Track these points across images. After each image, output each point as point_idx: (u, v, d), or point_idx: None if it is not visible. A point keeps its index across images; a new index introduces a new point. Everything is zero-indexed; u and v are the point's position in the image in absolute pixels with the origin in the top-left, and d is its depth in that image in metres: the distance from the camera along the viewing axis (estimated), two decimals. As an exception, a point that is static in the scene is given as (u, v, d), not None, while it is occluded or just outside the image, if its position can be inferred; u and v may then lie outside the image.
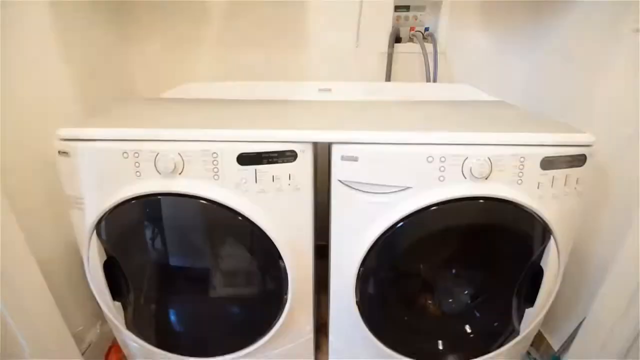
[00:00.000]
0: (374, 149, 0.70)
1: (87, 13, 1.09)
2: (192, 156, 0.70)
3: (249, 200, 0.73)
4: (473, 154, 0.69)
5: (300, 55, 1.30)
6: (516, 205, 0.72)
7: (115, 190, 0.73)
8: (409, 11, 1.28)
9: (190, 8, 1.25)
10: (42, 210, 0.92)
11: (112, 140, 0.72)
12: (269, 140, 0.71)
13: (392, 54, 1.27)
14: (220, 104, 1.01)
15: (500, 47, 1.29)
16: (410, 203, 0.71)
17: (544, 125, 0.79)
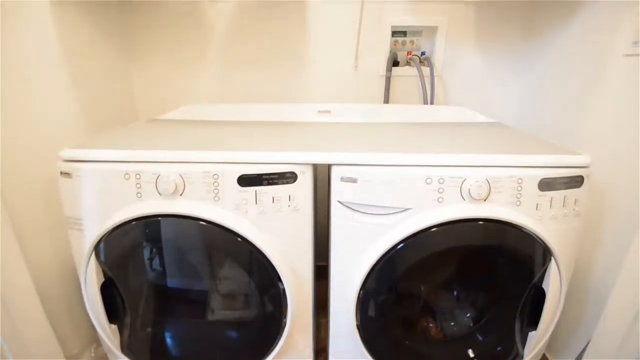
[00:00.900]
0: (373, 170, 0.71)
1: (92, 35, 1.12)
2: (193, 177, 0.71)
3: (249, 222, 0.73)
4: (471, 175, 0.69)
5: (300, 77, 1.33)
6: (515, 226, 0.72)
7: (115, 211, 0.73)
8: (406, 36, 1.32)
9: (193, 31, 1.29)
10: (41, 231, 0.92)
11: (114, 161, 0.72)
12: (269, 162, 0.72)
13: (390, 77, 1.30)
14: (221, 125, 1.03)
15: (495, 70, 1.33)
16: (410, 224, 0.71)
17: (541, 147, 0.80)
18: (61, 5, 0.98)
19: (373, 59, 1.30)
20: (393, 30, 1.29)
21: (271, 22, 1.27)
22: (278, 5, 1.25)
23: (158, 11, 1.27)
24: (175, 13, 1.27)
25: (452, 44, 1.30)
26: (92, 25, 1.12)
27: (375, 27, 1.27)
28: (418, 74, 1.28)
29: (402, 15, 1.27)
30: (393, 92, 1.33)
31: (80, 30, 1.07)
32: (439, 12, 1.26)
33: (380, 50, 1.30)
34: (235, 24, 1.28)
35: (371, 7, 1.25)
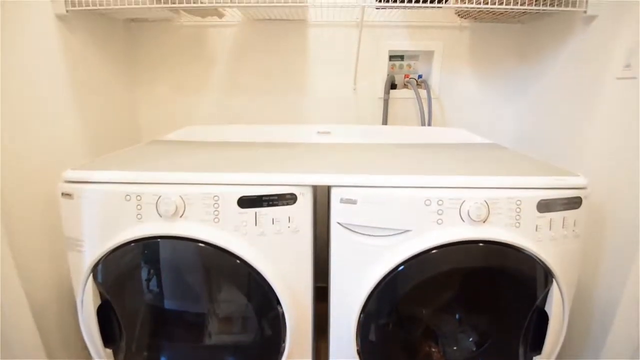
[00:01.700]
0: (372, 192, 0.72)
1: (98, 58, 1.16)
2: (194, 199, 0.71)
3: (248, 244, 0.73)
4: (470, 197, 0.70)
5: (301, 99, 1.36)
6: (516, 248, 0.72)
7: (115, 232, 0.73)
8: (403, 60, 1.36)
9: (197, 55, 1.33)
10: (38, 252, 0.91)
11: (116, 183, 0.73)
12: (269, 183, 0.72)
13: (388, 100, 1.33)
14: (222, 146, 1.04)
15: (491, 92, 1.36)
16: (410, 246, 0.71)
17: (538, 168, 0.81)
18: (67, 25, 1.01)
19: (371, 81, 1.34)
20: (390, 55, 1.33)
21: (272, 45, 1.31)
22: (279, 29, 1.29)
23: (163, 36, 1.31)
24: (179, 38, 1.31)
25: (448, 68, 1.33)
26: (98, 48, 1.15)
27: (373, 51, 1.31)
28: (415, 96, 1.31)
29: (399, 40, 1.31)
30: (391, 113, 1.36)
31: (86, 53, 1.10)
32: (435, 37, 1.30)
33: (378, 74, 1.33)
34: (237, 48, 1.32)
35: (369, 32, 1.29)
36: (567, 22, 1.08)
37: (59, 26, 0.98)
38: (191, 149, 1.00)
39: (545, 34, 1.19)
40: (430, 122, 1.33)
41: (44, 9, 0.94)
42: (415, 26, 1.29)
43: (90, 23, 1.11)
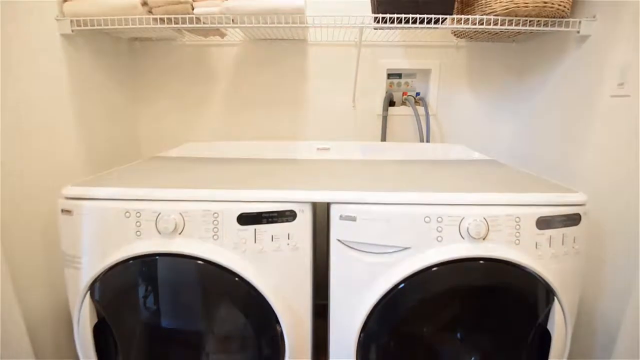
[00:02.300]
0: (372, 209, 0.72)
1: (101, 75, 1.18)
2: (193, 216, 0.71)
3: (247, 261, 0.72)
4: (469, 214, 0.70)
5: (301, 116, 1.38)
6: (516, 265, 0.71)
7: (114, 249, 0.73)
8: (401, 78, 1.38)
9: (199, 73, 1.35)
10: (35, 269, 0.90)
11: (116, 199, 0.73)
12: (269, 200, 0.73)
13: (387, 116, 1.35)
14: (223, 162, 1.05)
15: (487, 109, 1.38)
16: (411, 264, 0.71)
17: (537, 185, 0.82)
18: (72, 44, 1.04)
19: (370, 99, 1.36)
20: (389, 73, 1.35)
21: (273, 64, 1.34)
22: (280, 48, 1.32)
23: (166, 55, 1.34)
24: (182, 57, 1.34)
25: (445, 85, 1.36)
26: (101, 66, 1.17)
27: (371, 69, 1.34)
28: (414, 113, 1.33)
29: (397, 59, 1.34)
30: (390, 130, 1.38)
31: (90, 71, 1.12)
32: (432, 56, 1.33)
33: (377, 91, 1.35)
34: (238, 66, 1.35)
35: (367, 52, 1.32)
36: (561, 41, 1.11)
37: (64, 45, 1.01)
38: (191, 165, 1.01)
39: (540, 53, 1.21)
40: (428, 138, 1.34)
41: (50, 29, 0.97)
42: (413, 45, 1.32)
43: (95, 42, 1.13)
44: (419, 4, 0.96)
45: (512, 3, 0.94)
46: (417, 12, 0.96)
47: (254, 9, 0.96)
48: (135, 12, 0.98)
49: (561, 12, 0.96)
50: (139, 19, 0.99)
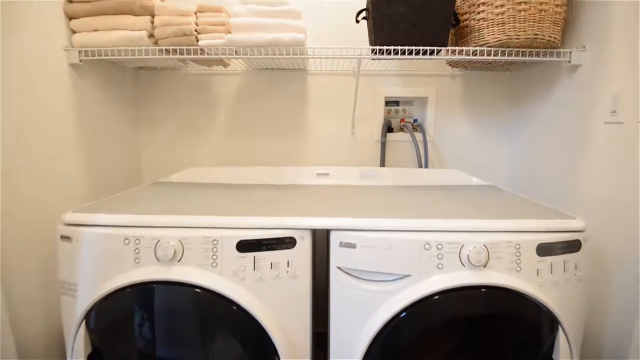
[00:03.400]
0: (371, 235, 0.72)
1: (105, 102, 1.20)
2: (193, 243, 0.71)
3: (246, 290, 0.71)
4: (469, 241, 0.70)
5: (301, 142, 1.40)
6: (518, 293, 0.70)
7: (112, 277, 0.72)
8: (399, 105, 1.42)
9: (201, 100, 1.39)
10: (31, 297, 0.89)
11: (115, 226, 0.73)
12: (268, 227, 0.73)
13: (385, 142, 1.37)
14: (223, 188, 1.05)
15: (484, 136, 1.40)
16: (412, 292, 0.70)
17: (536, 211, 0.82)
18: (79, 72, 1.07)
19: (369, 125, 1.39)
20: (386, 100, 1.39)
21: (274, 91, 1.37)
22: (281, 77, 1.36)
23: (170, 83, 1.38)
24: (185, 85, 1.38)
25: (442, 112, 1.39)
26: (106, 93, 1.20)
27: (369, 97, 1.37)
28: (412, 139, 1.35)
29: (394, 87, 1.37)
30: (388, 156, 1.39)
31: (95, 98, 1.15)
32: (428, 84, 1.37)
33: (375, 118, 1.38)
34: (240, 94, 1.38)
35: (365, 80, 1.36)
36: (553, 70, 1.14)
37: (71, 73, 1.04)
38: (192, 191, 1.01)
39: (534, 81, 1.25)
40: (427, 164, 1.36)
41: (59, 59, 1.00)
42: (409, 74, 1.36)
43: (101, 70, 1.17)
44: (414, 37, 1.00)
45: (504, 35, 0.98)
46: (412, 43, 1.00)
47: (257, 42, 1.00)
48: (142, 43, 1.02)
49: (552, 43, 1.00)
50: (145, 50, 1.03)
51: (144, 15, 1.02)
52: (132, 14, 1.02)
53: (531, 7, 0.95)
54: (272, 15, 1.00)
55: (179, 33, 1.01)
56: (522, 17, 0.96)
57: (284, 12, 1.01)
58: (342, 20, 1.24)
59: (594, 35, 0.99)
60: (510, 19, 0.97)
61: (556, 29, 0.99)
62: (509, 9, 0.96)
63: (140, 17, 1.02)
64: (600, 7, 0.96)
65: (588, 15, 1.01)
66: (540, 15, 0.96)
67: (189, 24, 1.01)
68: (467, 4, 1.04)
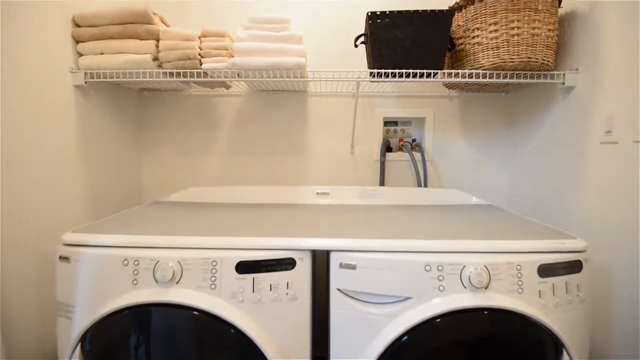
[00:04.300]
0: (372, 256, 0.71)
1: (109, 122, 1.22)
2: (192, 264, 0.71)
3: (245, 312, 0.70)
4: (470, 262, 0.70)
5: (301, 162, 1.41)
6: (521, 316, 0.69)
7: (109, 299, 0.71)
8: (397, 125, 1.44)
9: (203, 121, 1.41)
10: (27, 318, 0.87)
11: (114, 247, 0.73)
12: (268, 248, 0.72)
13: (385, 162, 1.38)
14: (223, 208, 1.05)
15: (482, 155, 1.42)
16: (413, 314, 0.69)
17: (535, 231, 0.82)
18: (84, 93, 1.09)
19: (368, 145, 1.40)
20: (385, 121, 1.41)
21: (275, 112, 1.40)
22: (282, 98, 1.39)
23: (173, 104, 1.40)
24: (188, 106, 1.40)
25: (440, 132, 1.41)
26: (109, 114, 1.22)
27: (368, 117, 1.40)
28: (410, 159, 1.36)
29: (393, 108, 1.40)
30: (388, 175, 1.40)
31: (98, 118, 1.17)
32: (426, 105, 1.40)
33: (374, 138, 1.40)
34: (241, 114, 1.40)
35: (364, 101, 1.39)
36: (548, 91, 1.17)
37: (76, 94, 1.06)
38: (192, 210, 1.02)
39: (529, 102, 1.27)
40: (426, 183, 1.36)
41: (64, 81, 1.03)
42: (407, 96, 1.39)
43: (105, 92, 1.19)
44: (411, 60, 1.03)
45: (499, 58, 1.01)
46: (410, 67, 1.03)
47: (258, 65, 1.02)
48: (146, 66, 1.05)
49: (545, 66, 1.02)
50: (149, 72, 1.06)
51: (150, 39, 1.05)
52: (138, 38, 1.05)
53: (524, 31, 0.98)
54: (274, 40, 1.03)
55: (183, 57, 1.04)
56: (516, 41, 0.99)
57: (286, 37, 1.04)
58: (342, 43, 1.28)
59: (587, 57, 1.01)
60: (504, 43, 1.00)
61: (549, 52, 1.02)
62: (502, 33, 0.99)
63: (145, 41, 1.05)
64: (592, 30, 0.99)
65: (580, 38, 1.04)
66: (533, 40, 0.99)
67: (193, 48, 1.04)
68: (462, 29, 1.08)
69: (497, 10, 0.99)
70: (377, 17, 1.01)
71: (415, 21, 1.01)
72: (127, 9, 1.03)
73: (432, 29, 1.02)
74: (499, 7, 0.99)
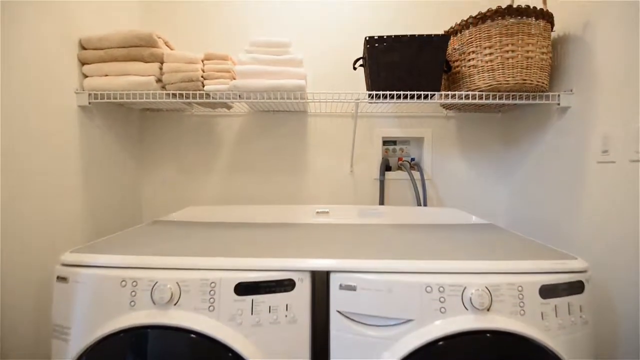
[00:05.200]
0: (372, 277, 0.71)
1: (111, 141, 1.23)
2: (190, 285, 0.70)
3: (243, 335, 0.69)
4: (471, 283, 0.69)
5: (301, 181, 1.42)
6: (524, 338, 0.68)
7: (106, 321, 0.70)
8: (396, 145, 1.45)
9: (204, 141, 1.42)
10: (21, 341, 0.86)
11: (113, 267, 0.73)
12: (267, 269, 0.72)
13: (384, 181, 1.39)
14: (222, 227, 1.05)
15: (480, 174, 1.43)
16: (415, 337, 0.67)
17: (536, 251, 0.81)
18: (87, 113, 1.11)
19: (367, 164, 1.41)
20: (384, 140, 1.42)
21: (275, 132, 1.42)
22: (282, 118, 1.41)
23: (175, 124, 1.42)
24: (189, 126, 1.42)
25: (439, 152, 1.42)
26: (112, 133, 1.24)
27: (367, 137, 1.41)
28: (410, 177, 1.37)
29: (391, 128, 1.42)
30: (387, 194, 1.41)
31: (101, 138, 1.18)
32: (424, 125, 1.42)
33: (373, 157, 1.41)
34: (242, 134, 1.42)
35: (363, 121, 1.41)
36: (544, 111, 1.19)
37: (79, 114, 1.08)
38: (192, 230, 1.01)
39: (526, 122, 1.29)
40: (425, 202, 1.37)
41: (69, 101, 1.04)
42: (405, 116, 1.42)
43: (108, 111, 1.21)
44: (409, 82, 1.05)
45: (494, 80, 1.03)
46: (407, 89, 1.05)
47: (260, 87, 1.04)
48: (150, 87, 1.07)
49: (540, 87, 1.05)
50: (152, 93, 1.08)
51: (154, 62, 1.08)
52: (142, 61, 1.08)
53: (518, 55, 1.01)
54: (275, 63, 1.06)
55: (186, 79, 1.07)
56: (510, 64, 1.02)
57: (286, 60, 1.07)
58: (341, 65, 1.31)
59: (581, 78, 1.04)
60: (499, 66, 1.02)
61: (543, 74, 1.04)
62: (497, 57, 1.02)
63: (149, 64, 1.08)
64: (584, 52, 1.02)
65: (573, 60, 1.07)
66: (528, 62, 1.02)
67: (196, 70, 1.07)
68: (457, 52, 1.11)
69: (492, 34, 1.02)
70: (375, 41, 1.05)
71: (412, 45, 1.04)
72: (132, 32, 1.06)
73: (428, 52, 1.05)
74: (493, 31, 1.02)
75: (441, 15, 1.35)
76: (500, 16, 1.00)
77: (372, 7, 1.39)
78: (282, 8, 1.39)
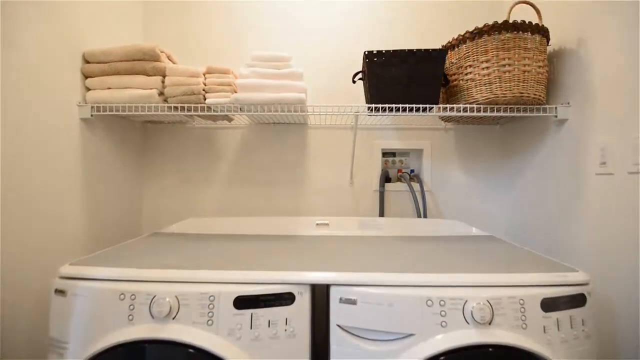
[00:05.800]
0: (372, 291, 0.70)
1: (113, 153, 1.24)
2: (189, 299, 0.69)
3: (242, 350, 0.68)
4: (472, 296, 0.69)
5: (301, 192, 1.42)
6: (527, 353, 0.67)
7: (103, 335, 0.69)
8: (395, 156, 1.46)
9: (205, 152, 1.43)
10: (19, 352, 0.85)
11: (111, 280, 0.72)
12: (266, 282, 0.72)
13: (384, 192, 1.39)
14: (222, 239, 1.05)
15: (479, 185, 1.43)
16: (416, 352, 0.67)
17: (537, 264, 0.81)
18: (89, 126, 1.11)
19: (367, 176, 1.42)
20: (383, 152, 1.43)
21: (276, 144, 1.42)
22: (282, 130, 1.42)
23: (175, 136, 1.43)
24: (190, 138, 1.43)
25: (438, 163, 1.43)
26: (114, 145, 1.24)
27: (367, 149, 1.42)
28: (409, 189, 1.37)
29: (390, 140, 1.43)
30: (387, 205, 1.41)
31: (102, 150, 1.18)
32: (423, 137, 1.43)
33: (373, 169, 1.42)
34: (243, 146, 1.43)
35: (363, 133, 1.42)
36: (541, 124, 1.20)
37: (81, 127, 1.09)
38: (191, 242, 1.01)
39: (524, 135, 1.30)
40: (425, 213, 1.37)
41: (71, 114, 1.05)
42: (405, 128, 1.43)
43: (110, 124, 1.22)
44: (407, 96, 1.07)
45: (492, 93, 1.05)
46: (406, 102, 1.07)
47: (261, 100, 1.06)
48: (152, 100, 1.08)
49: (537, 100, 1.06)
50: (154, 106, 1.09)
51: (156, 75, 1.09)
52: (145, 75, 1.09)
53: (515, 68, 1.03)
54: (276, 77, 1.08)
55: (188, 92, 1.08)
56: (507, 77, 1.03)
57: (287, 74, 1.08)
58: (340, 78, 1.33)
59: (577, 91, 1.05)
60: (497, 79, 1.04)
61: (540, 87, 1.06)
62: (494, 70, 1.04)
63: (152, 77, 1.09)
64: (580, 66, 1.04)
65: (569, 73, 1.08)
66: (524, 76, 1.03)
67: (197, 84, 1.08)
68: (455, 66, 1.13)
69: (488, 48, 1.04)
70: (374, 55, 1.06)
71: (410, 60, 1.05)
72: (136, 46, 1.07)
73: (426, 66, 1.06)
74: (490, 45, 1.04)
75: (441, 32, 1.38)
76: (497, 31, 1.02)
77: (372, 21, 1.42)
78: (282, 22, 1.42)
